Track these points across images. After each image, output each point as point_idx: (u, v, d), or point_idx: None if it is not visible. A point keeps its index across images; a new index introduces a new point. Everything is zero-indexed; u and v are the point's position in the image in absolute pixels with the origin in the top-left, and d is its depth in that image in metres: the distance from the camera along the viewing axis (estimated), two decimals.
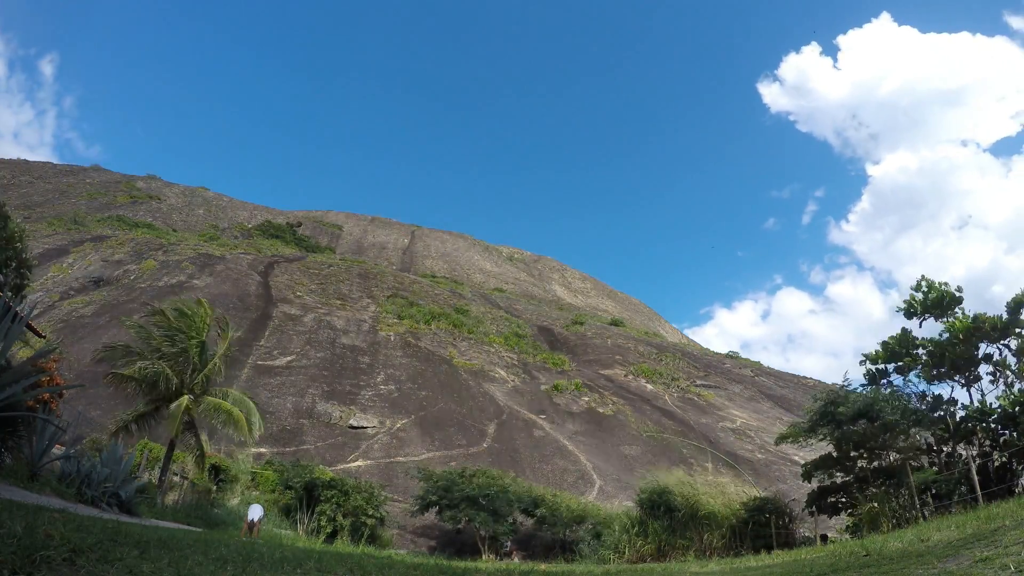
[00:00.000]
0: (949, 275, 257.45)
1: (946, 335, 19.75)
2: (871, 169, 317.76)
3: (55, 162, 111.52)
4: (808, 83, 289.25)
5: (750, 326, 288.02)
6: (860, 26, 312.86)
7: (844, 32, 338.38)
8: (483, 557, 21.90)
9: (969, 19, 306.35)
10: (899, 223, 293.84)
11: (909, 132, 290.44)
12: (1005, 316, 18.82)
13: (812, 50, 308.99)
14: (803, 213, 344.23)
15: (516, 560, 21.79)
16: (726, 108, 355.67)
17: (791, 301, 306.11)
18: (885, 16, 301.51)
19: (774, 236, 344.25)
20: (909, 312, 21.02)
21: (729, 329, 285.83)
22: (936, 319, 20.58)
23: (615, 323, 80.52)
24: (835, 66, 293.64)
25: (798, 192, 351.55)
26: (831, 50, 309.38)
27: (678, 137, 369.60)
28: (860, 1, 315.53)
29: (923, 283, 20.91)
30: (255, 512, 17.38)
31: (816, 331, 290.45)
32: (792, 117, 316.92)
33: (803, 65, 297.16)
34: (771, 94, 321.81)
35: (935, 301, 20.39)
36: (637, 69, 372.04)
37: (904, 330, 20.95)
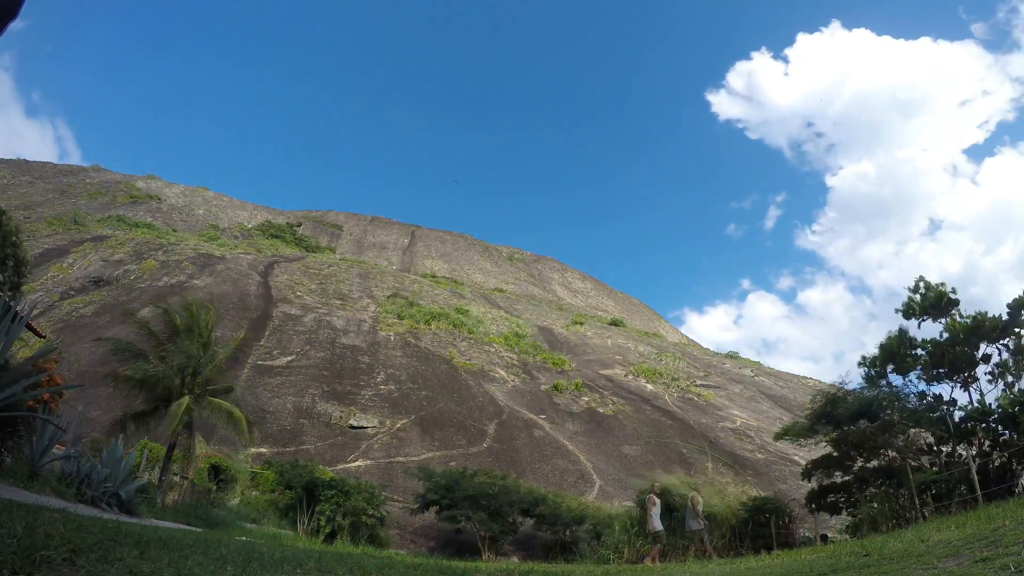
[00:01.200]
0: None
1: (946, 335, 19.77)
2: (830, 180, 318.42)
3: (55, 162, 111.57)
4: (760, 91, 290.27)
5: (722, 330, 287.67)
6: (814, 31, 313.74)
7: (794, 38, 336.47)
8: (483, 557, 21.90)
9: (929, 24, 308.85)
10: (866, 231, 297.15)
11: (868, 140, 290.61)
12: (1006, 316, 18.85)
13: (763, 57, 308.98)
14: (765, 219, 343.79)
15: (515, 560, 21.80)
16: (676, 116, 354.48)
17: (763, 306, 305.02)
18: (835, 24, 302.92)
19: (737, 242, 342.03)
20: (908, 313, 21.05)
21: (703, 333, 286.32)
22: (935, 320, 20.60)
23: (615, 323, 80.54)
24: (786, 73, 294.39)
25: (758, 201, 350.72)
26: (784, 57, 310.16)
27: (631, 142, 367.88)
28: (812, 7, 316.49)
29: (921, 284, 20.94)
30: None
31: (792, 336, 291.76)
32: (741, 124, 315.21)
33: (754, 71, 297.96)
34: (720, 102, 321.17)
35: (933, 302, 20.41)
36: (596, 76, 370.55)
37: (901, 330, 20.96)
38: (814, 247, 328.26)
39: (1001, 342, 19.15)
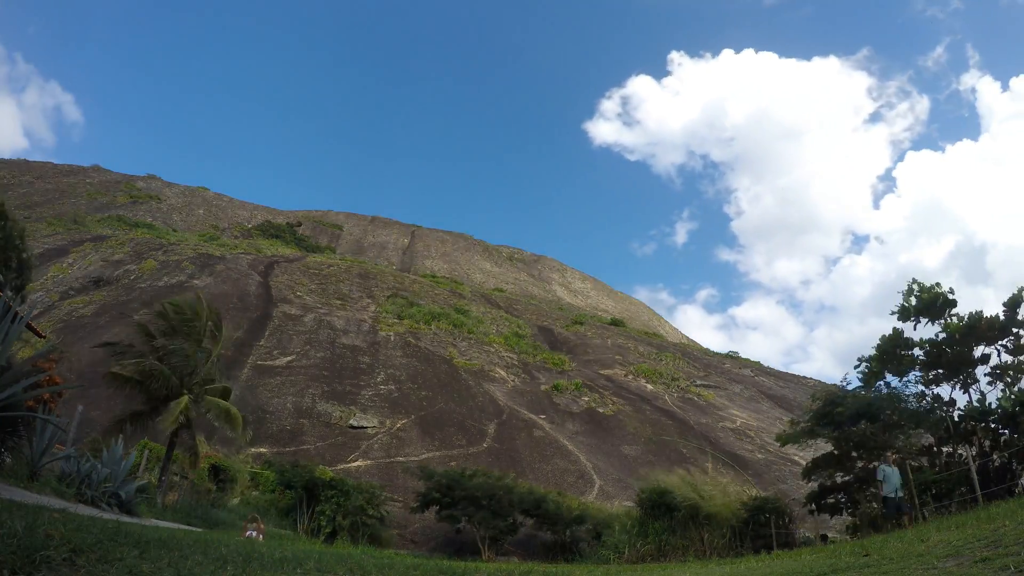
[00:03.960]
0: (856, 292, 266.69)
1: (943, 336, 19.76)
2: (732, 207, 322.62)
3: (55, 162, 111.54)
4: (648, 115, 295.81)
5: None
6: (702, 54, 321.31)
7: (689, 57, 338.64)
8: (483, 557, 21.90)
9: (817, 44, 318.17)
10: (779, 248, 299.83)
11: (765, 160, 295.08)
12: (1002, 316, 18.84)
13: (648, 81, 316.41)
14: (675, 235, 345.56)
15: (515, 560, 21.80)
16: (558, 141, 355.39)
17: (692, 318, 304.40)
18: (727, 52, 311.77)
19: (647, 259, 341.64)
20: (903, 316, 21.03)
21: None
22: (932, 321, 20.58)
23: (615, 323, 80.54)
24: (678, 95, 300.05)
25: (666, 220, 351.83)
26: (672, 78, 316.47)
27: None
28: (707, 31, 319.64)
29: (915, 287, 20.94)
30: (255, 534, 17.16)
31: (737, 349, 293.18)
32: (621, 151, 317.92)
33: (642, 97, 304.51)
34: (598, 129, 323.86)
35: (928, 303, 20.40)
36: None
37: (896, 331, 20.95)
38: (735, 263, 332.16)
39: (1000, 343, 19.14)
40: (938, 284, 20.61)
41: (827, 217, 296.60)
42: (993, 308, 26.37)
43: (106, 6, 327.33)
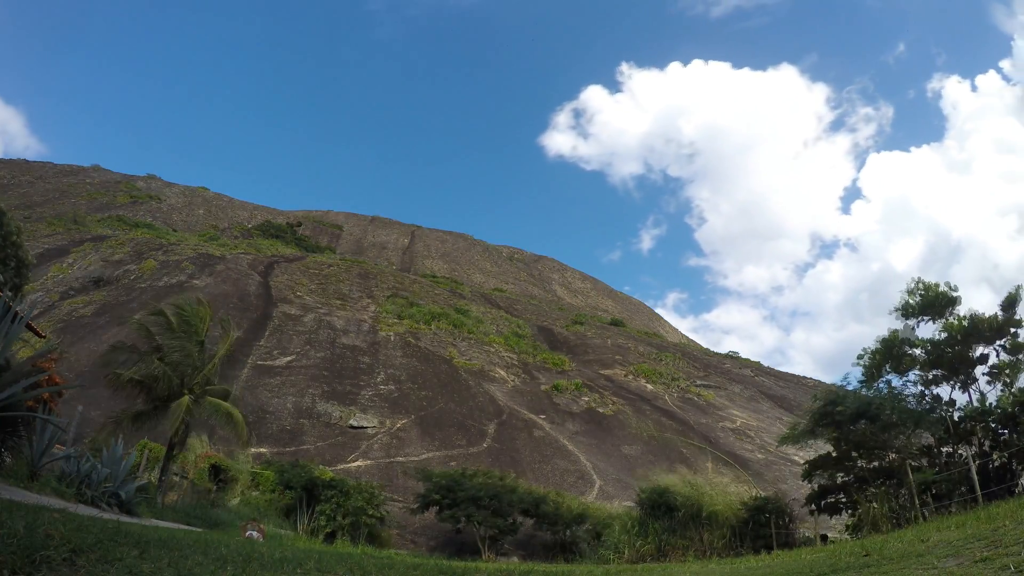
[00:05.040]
0: (830, 298, 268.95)
1: (943, 335, 19.76)
2: (694, 218, 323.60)
3: (55, 162, 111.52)
4: (602, 127, 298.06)
5: None
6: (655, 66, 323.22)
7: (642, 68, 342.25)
8: (483, 557, 21.90)
9: (770, 55, 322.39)
10: (748, 255, 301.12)
11: (726, 171, 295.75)
12: (1000, 315, 18.85)
13: (601, 93, 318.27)
14: (640, 242, 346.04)
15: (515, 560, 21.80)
16: (511, 154, 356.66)
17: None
18: (675, 64, 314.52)
19: (616, 266, 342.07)
20: (905, 314, 21.05)
21: None
22: (933, 320, 20.59)
23: (615, 323, 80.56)
24: (639, 107, 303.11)
25: (629, 233, 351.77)
26: (630, 88, 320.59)
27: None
28: (658, 43, 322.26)
29: (919, 285, 20.94)
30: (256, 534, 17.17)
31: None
32: (577, 161, 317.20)
33: (597, 109, 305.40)
34: (554, 141, 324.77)
35: (930, 302, 20.40)
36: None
37: (896, 330, 20.96)
38: (701, 267, 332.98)
39: (998, 342, 19.16)
40: (938, 283, 20.64)
41: (795, 224, 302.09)
42: (976, 305, 26.58)
43: (106, 5, 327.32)
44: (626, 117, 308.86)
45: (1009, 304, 18.73)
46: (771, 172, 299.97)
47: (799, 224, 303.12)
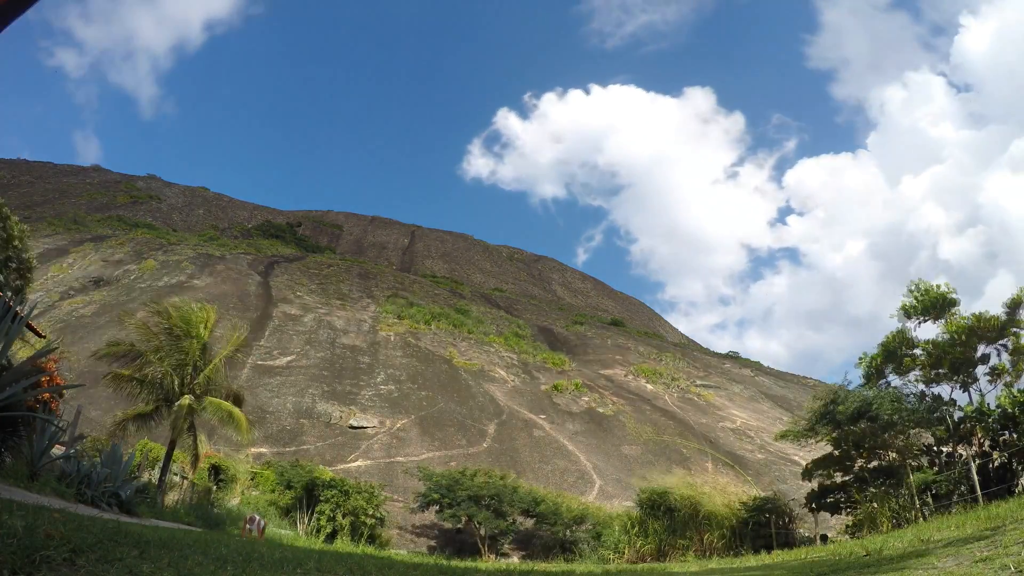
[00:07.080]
0: (776, 309, 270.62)
1: (945, 336, 19.78)
2: (622, 240, 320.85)
3: (55, 162, 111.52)
4: (525, 146, 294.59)
5: None
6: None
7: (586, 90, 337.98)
8: (483, 557, 21.91)
9: (683, 77, 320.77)
10: (686, 271, 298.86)
11: (648, 192, 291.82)
12: (1003, 316, 18.86)
13: (511, 115, 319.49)
14: (576, 256, 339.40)
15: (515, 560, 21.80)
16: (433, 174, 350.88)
17: None
18: (576, 92, 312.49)
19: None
20: (907, 314, 21.09)
21: None
22: (934, 321, 20.62)
23: (615, 323, 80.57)
24: (552, 132, 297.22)
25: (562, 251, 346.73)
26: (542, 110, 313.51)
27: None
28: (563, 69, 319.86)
29: (920, 286, 20.97)
30: (259, 522, 17.20)
31: None
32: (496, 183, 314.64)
33: (516, 130, 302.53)
34: (474, 164, 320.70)
35: (931, 303, 20.43)
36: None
37: (900, 330, 20.99)
38: (640, 277, 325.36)
39: (999, 342, 19.18)
40: (939, 285, 20.66)
41: (731, 238, 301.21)
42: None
43: (104, 5, 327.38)
44: (539, 142, 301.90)
45: (1014, 306, 18.76)
46: (693, 189, 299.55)
47: (736, 237, 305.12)
